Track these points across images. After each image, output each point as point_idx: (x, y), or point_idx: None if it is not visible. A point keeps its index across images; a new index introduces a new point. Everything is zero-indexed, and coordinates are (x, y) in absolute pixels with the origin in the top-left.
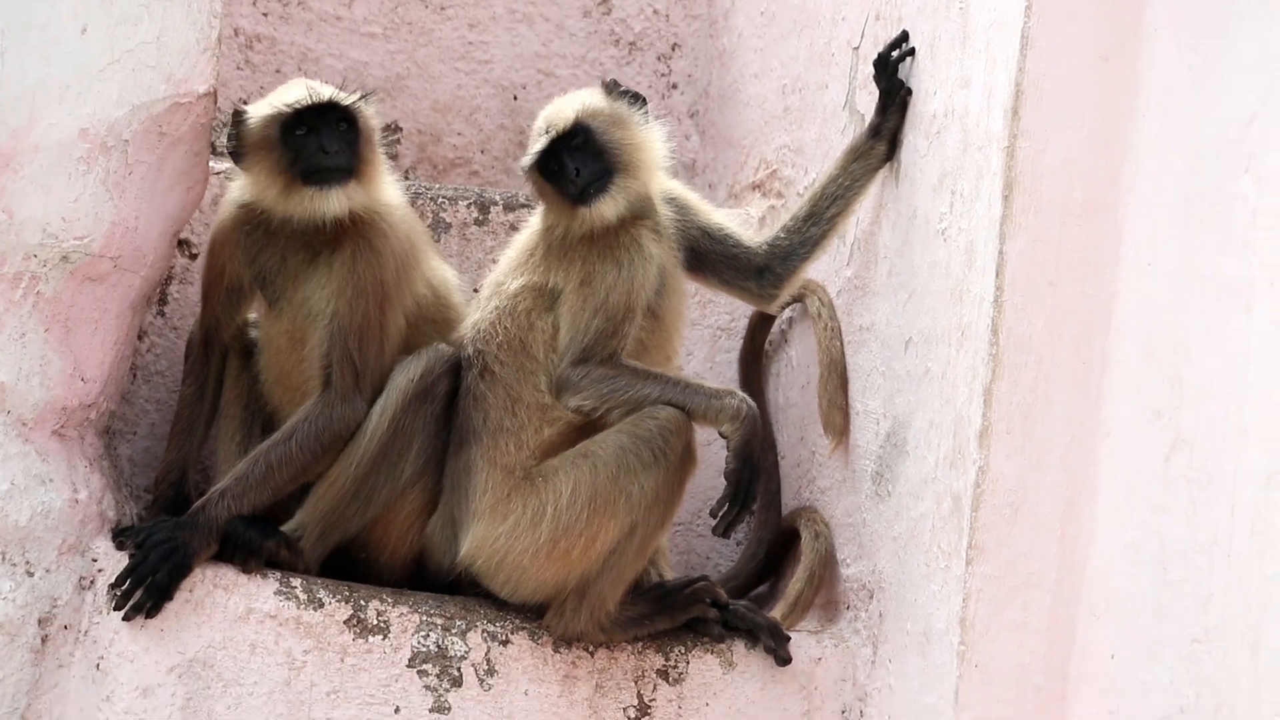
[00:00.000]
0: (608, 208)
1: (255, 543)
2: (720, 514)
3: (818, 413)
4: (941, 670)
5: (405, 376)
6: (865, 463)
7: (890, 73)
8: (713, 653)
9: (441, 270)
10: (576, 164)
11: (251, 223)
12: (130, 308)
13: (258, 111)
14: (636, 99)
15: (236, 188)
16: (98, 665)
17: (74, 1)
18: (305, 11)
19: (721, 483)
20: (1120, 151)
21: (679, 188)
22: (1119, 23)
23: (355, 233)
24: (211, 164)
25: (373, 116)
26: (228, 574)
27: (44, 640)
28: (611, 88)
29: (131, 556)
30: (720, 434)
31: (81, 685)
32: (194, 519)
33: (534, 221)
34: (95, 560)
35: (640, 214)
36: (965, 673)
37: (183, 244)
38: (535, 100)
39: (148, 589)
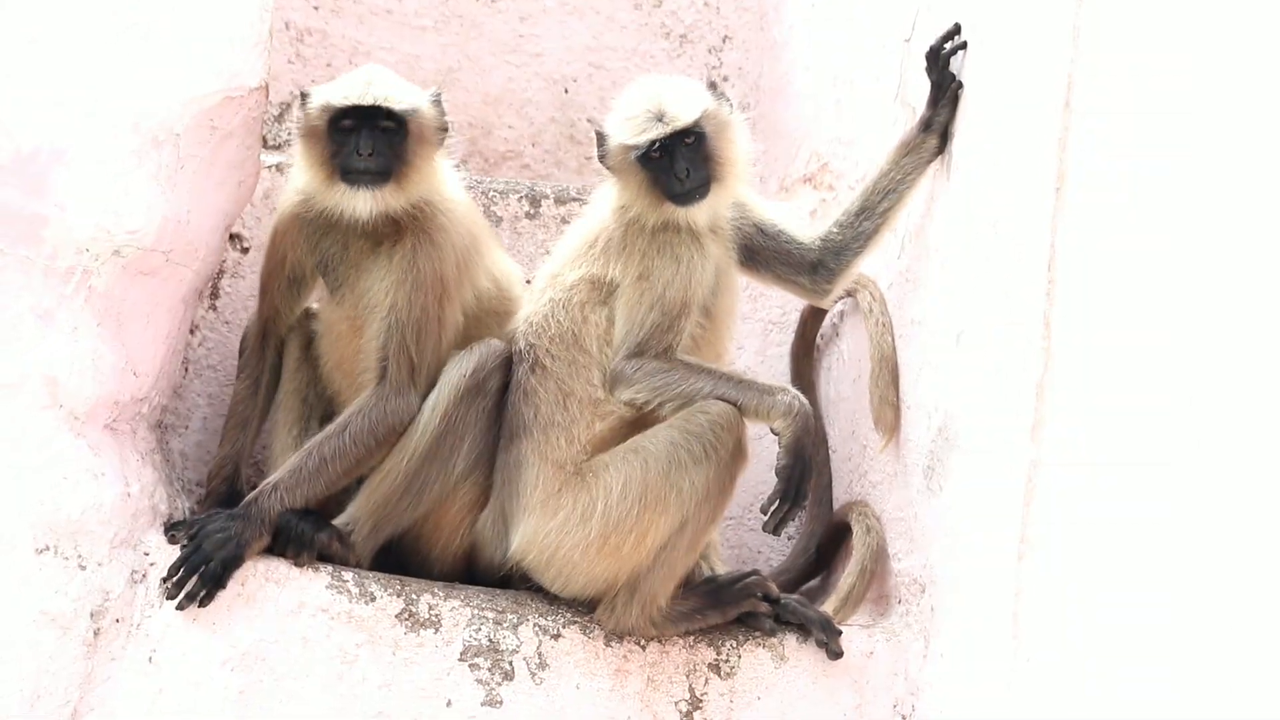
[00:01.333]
0: (700, 214)
1: (307, 535)
2: (771, 510)
3: (869, 408)
4: (994, 664)
5: (458, 371)
6: (916, 457)
7: (942, 65)
8: (764, 646)
9: (504, 262)
10: (687, 164)
11: (313, 210)
12: (182, 302)
13: (316, 98)
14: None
15: (296, 172)
16: (150, 659)
17: None
18: (357, 5)
19: (772, 477)
20: (1174, 143)
21: None
22: (1171, 12)
23: (416, 226)
24: (263, 158)
25: (428, 118)
26: (280, 568)
27: (96, 633)
28: (714, 87)
29: (184, 547)
30: (772, 430)
31: (134, 678)
32: (247, 510)
33: (595, 211)
34: (147, 554)
35: None
36: (1017, 667)
37: (234, 238)
38: (586, 93)
39: (201, 577)
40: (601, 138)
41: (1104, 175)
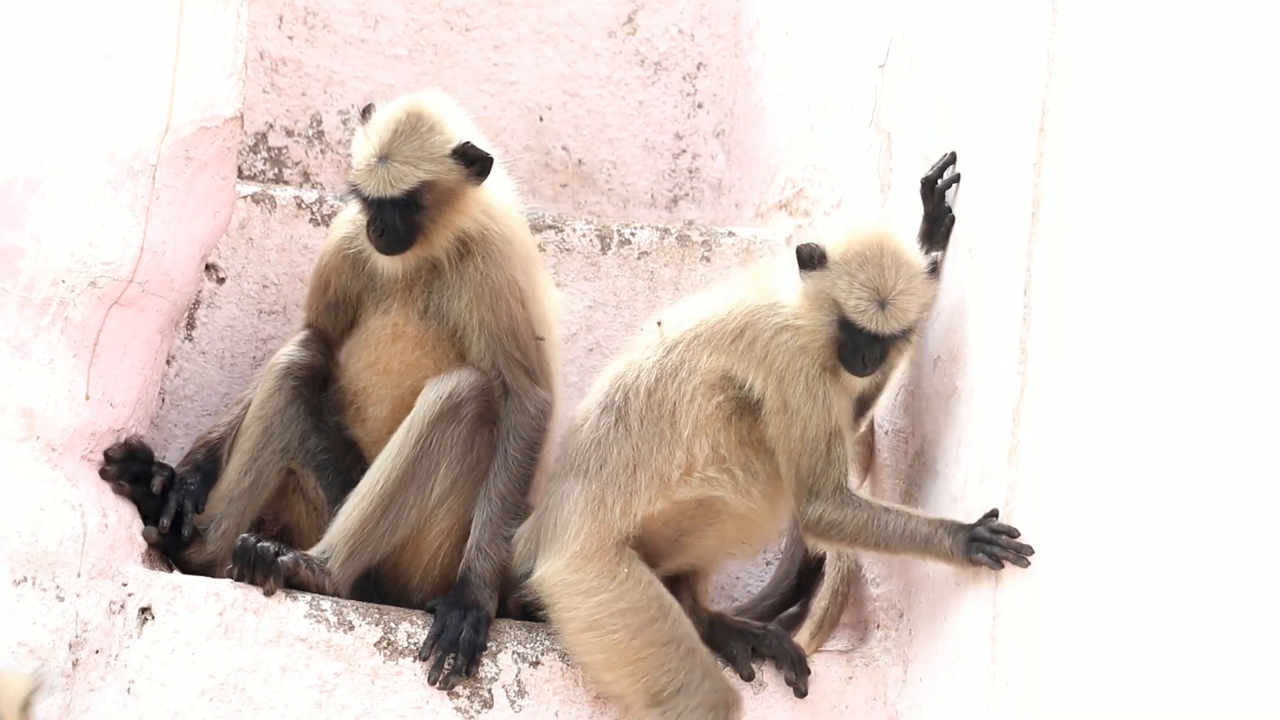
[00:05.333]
0: (860, 385)
1: (269, 556)
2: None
3: None
4: (972, 689)
5: (434, 394)
6: (894, 481)
7: (937, 199)
8: None
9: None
10: (878, 359)
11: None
12: (158, 332)
13: (355, 141)
14: None
15: (341, 220)
16: (129, 689)
17: (100, 27)
18: (330, 35)
19: None
20: (1151, 167)
21: None
22: (1147, 35)
23: (476, 242)
24: (238, 188)
25: (444, 181)
26: (257, 597)
27: (75, 664)
28: (934, 271)
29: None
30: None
31: (112, 709)
32: (464, 591)
33: (751, 282)
34: (125, 584)
35: None
36: (996, 691)
37: (210, 268)
38: (560, 121)
39: (455, 670)
40: (820, 255)
41: (1080, 199)
